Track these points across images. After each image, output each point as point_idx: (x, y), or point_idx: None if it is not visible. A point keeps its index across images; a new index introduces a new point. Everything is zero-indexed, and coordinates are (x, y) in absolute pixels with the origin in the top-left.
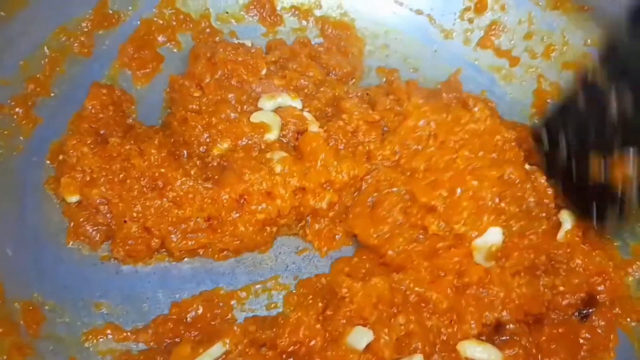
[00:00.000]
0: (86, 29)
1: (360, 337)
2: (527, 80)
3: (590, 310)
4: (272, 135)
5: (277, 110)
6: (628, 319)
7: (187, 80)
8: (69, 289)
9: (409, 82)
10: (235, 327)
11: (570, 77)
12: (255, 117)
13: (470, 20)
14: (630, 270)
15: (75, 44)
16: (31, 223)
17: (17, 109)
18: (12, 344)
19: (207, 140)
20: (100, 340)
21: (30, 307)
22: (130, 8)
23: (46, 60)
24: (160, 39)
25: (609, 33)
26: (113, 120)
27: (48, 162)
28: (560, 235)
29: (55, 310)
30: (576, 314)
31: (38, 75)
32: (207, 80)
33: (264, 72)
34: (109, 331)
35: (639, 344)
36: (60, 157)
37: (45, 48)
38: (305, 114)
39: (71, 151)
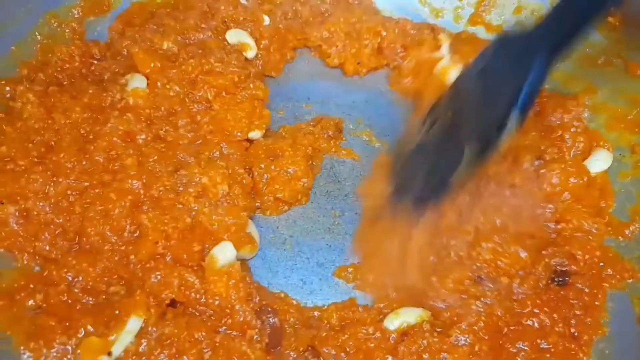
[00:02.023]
0: (77, 16)
1: (223, 252)
2: None
3: (567, 279)
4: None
5: None
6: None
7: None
8: None
9: None
10: (136, 297)
11: None
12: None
13: None
14: (627, 231)
15: (67, 30)
16: None
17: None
18: None
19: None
20: None
21: None
22: None
23: (38, 46)
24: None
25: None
26: (79, 73)
27: None
28: None
29: None
30: (555, 282)
31: (32, 60)
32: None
33: (266, 23)
34: None
35: (639, 300)
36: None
37: (37, 34)
38: None
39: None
